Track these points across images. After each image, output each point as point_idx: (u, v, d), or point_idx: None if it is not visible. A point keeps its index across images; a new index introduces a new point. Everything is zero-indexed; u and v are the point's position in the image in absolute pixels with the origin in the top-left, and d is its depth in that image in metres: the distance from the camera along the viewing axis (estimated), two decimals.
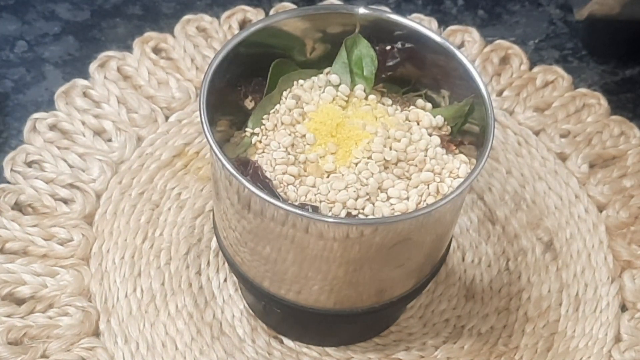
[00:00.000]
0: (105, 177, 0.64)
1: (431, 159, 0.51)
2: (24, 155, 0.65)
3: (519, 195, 0.66)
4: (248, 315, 0.60)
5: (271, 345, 0.59)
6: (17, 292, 0.59)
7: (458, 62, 0.52)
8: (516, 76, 0.72)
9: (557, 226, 0.65)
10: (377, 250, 0.48)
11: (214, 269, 0.61)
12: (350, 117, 0.52)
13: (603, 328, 0.60)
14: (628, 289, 0.62)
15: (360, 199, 0.49)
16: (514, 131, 0.69)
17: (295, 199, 0.49)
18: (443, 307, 0.61)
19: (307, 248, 0.48)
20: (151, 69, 0.70)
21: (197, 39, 0.72)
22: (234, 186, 0.48)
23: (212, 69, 0.50)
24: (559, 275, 0.63)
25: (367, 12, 0.54)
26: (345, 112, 0.52)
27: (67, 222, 0.62)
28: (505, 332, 0.60)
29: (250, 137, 0.52)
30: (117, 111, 0.68)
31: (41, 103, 0.69)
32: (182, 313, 0.59)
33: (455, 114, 0.53)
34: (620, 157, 0.68)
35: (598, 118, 0.70)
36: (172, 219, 0.63)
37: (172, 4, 0.76)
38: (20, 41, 0.73)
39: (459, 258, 0.63)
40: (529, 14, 0.79)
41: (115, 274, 0.61)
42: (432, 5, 0.78)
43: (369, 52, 0.54)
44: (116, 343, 0.58)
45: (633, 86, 0.74)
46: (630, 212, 0.65)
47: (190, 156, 0.66)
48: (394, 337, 0.60)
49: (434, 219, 0.49)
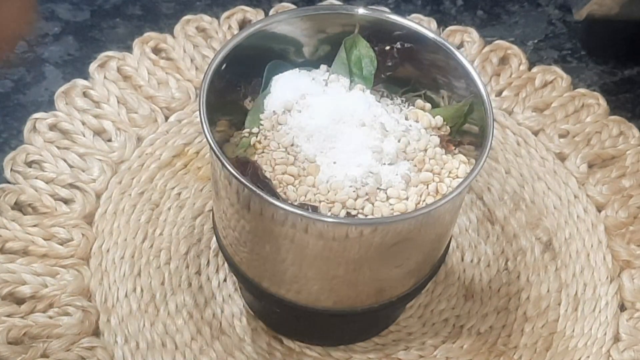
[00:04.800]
0: (105, 177, 0.64)
1: (430, 159, 0.51)
2: (24, 155, 0.65)
3: (518, 195, 0.66)
4: (248, 314, 0.60)
5: (271, 345, 0.59)
6: (18, 292, 0.59)
7: (457, 62, 0.52)
8: (515, 76, 0.72)
9: (556, 226, 0.65)
10: (377, 250, 0.48)
11: (213, 269, 0.62)
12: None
13: (602, 328, 0.60)
14: (627, 289, 0.62)
15: (359, 199, 0.49)
16: (513, 131, 0.69)
17: (295, 198, 0.49)
18: (442, 307, 0.61)
19: (307, 248, 0.48)
20: (151, 69, 0.70)
21: (197, 39, 0.72)
22: (234, 186, 0.48)
23: (212, 69, 0.50)
24: (558, 275, 0.63)
25: (366, 12, 0.54)
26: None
27: (67, 221, 0.62)
28: (504, 331, 0.60)
29: (249, 138, 0.52)
30: (117, 111, 0.68)
31: (41, 103, 0.69)
32: (182, 312, 0.59)
33: (455, 114, 0.53)
34: (619, 157, 0.68)
35: (597, 118, 0.70)
36: (171, 219, 0.63)
37: (172, 4, 0.76)
38: (20, 41, 0.73)
39: (458, 258, 0.63)
40: (528, 14, 0.79)
41: (115, 273, 0.61)
42: (432, 5, 0.78)
43: (368, 52, 0.54)
44: (116, 342, 0.58)
45: (632, 86, 0.74)
46: (629, 212, 0.65)
47: (190, 156, 0.67)
48: (394, 337, 0.60)
49: (433, 218, 0.49)
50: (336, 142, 0.50)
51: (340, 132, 0.51)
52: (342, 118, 0.51)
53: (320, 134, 0.51)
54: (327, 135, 0.51)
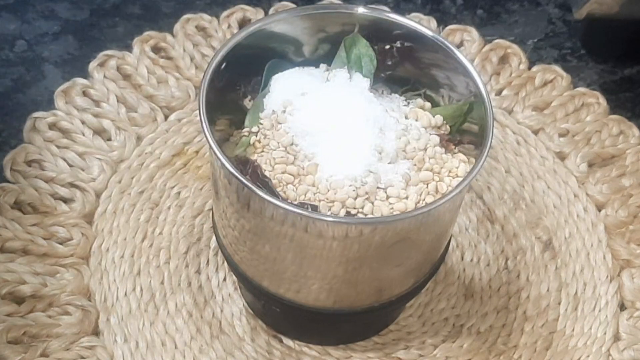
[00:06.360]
0: (104, 176, 0.64)
1: (430, 158, 0.51)
2: (23, 155, 0.65)
3: (518, 195, 0.66)
4: (247, 314, 0.60)
5: (270, 344, 0.59)
6: (17, 291, 0.59)
7: (457, 61, 0.52)
8: (515, 75, 0.72)
9: (556, 225, 0.65)
10: (376, 249, 0.48)
11: (213, 268, 0.62)
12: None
13: (602, 327, 0.60)
14: (627, 288, 0.62)
15: (359, 198, 0.49)
16: (513, 130, 0.69)
17: (295, 198, 0.49)
18: (442, 306, 0.61)
19: (307, 247, 0.48)
20: (151, 68, 0.70)
21: (197, 38, 0.72)
22: (234, 185, 0.48)
23: (212, 68, 0.50)
24: (558, 274, 0.63)
25: (366, 11, 0.54)
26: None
27: (66, 221, 0.62)
28: (504, 331, 0.60)
29: (249, 137, 0.52)
30: (117, 110, 0.68)
31: (41, 102, 0.69)
32: (182, 312, 0.59)
33: (454, 113, 0.53)
34: (619, 156, 0.68)
35: (597, 117, 0.70)
36: (171, 218, 0.63)
37: (172, 3, 0.76)
38: (19, 40, 0.73)
39: (458, 257, 0.63)
40: (528, 13, 0.79)
41: (115, 272, 0.61)
42: (431, 4, 0.78)
43: (368, 51, 0.54)
44: (116, 342, 0.58)
45: (632, 85, 0.74)
46: (629, 211, 0.65)
47: (189, 155, 0.66)
48: (393, 336, 0.60)
49: (433, 218, 0.49)
50: (336, 141, 0.50)
51: (340, 131, 0.51)
52: (341, 117, 0.51)
53: (319, 133, 0.50)
54: (326, 134, 0.50)
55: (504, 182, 0.67)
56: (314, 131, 0.51)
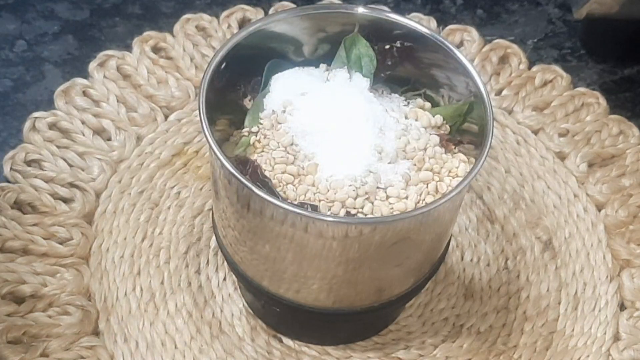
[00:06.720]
0: (104, 176, 0.64)
1: (430, 158, 0.51)
2: (23, 154, 0.65)
3: (517, 194, 0.66)
4: (247, 314, 0.60)
5: (270, 344, 0.59)
6: (17, 291, 0.59)
7: (457, 61, 0.52)
8: (515, 75, 0.72)
9: (556, 225, 0.65)
10: (376, 249, 0.48)
11: (213, 268, 0.62)
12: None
13: (602, 327, 0.60)
14: (627, 288, 0.62)
15: (359, 198, 0.49)
16: (513, 130, 0.69)
17: (295, 197, 0.49)
18: (442, 306, 0.61)
19: (306, 247, 0.48)
20: (150, 68, 0.70)
21: (197, 38, 0.72)
22: (233, 185, 0.48)
23: (212, 68, 0.50)
24: (558, 274, 0.63)
25: (366, 11, 0.54)
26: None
27: (66, 221, 0.62)
28: (504, 330, 0.60)
29: (249, 137, 0.52)
30: (117, 110, 0.68)
31: (41, 102, 0.69)
32: (182, 312, 0.59)
33: (454, 113, 0.53)
34: (619, 156, 0.68)
35: (597, 117, 0.70)
36: (171, 218, 0.63)
37: (172, 3, 0.76)
38: (19, 40, 0.73)
39: (457, 257, 0.63)
40: (528, 13, 0.79)
41: (115, 272, 0.61)
42: (431, 4, 0.78)
43: (368, 51, 0.54)
44: (116, 342, 0.58)
45: (632, 85, 0.74)
46: (629, 211, 0.65)
47: (189, 155, 0.67)
48: (393, 336, 0.60)
49: (433, 218, 0.49)
50: (336, 141, 0.50)
51: (339, 131, 0.51)
52: (341, 117, 0.51)
53: (319, 133, 0.51)
54: (326, 134, 0.50)
55: (504, 182, 0.67)
56: (314, 131, 0.51)
